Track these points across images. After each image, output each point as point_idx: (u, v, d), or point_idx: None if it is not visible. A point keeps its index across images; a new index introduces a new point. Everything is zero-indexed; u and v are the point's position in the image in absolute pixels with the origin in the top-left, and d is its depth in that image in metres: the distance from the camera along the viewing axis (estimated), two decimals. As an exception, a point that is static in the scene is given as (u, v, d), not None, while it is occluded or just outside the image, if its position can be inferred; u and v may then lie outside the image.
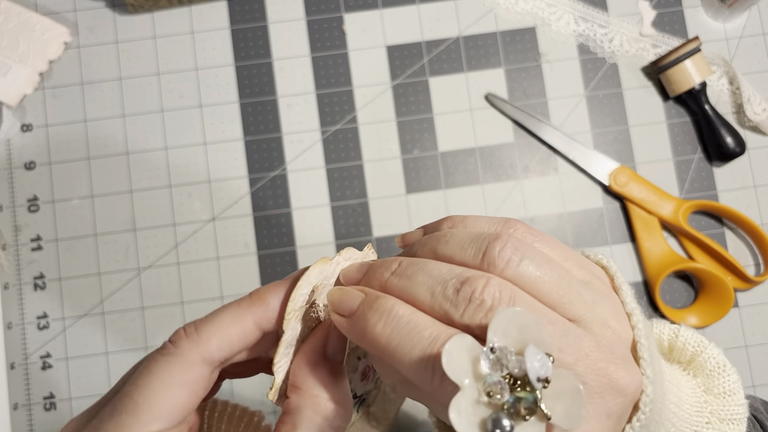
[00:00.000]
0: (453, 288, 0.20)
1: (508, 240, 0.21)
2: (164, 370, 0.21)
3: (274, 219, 0.53)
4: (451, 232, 0.23)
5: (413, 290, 0.21)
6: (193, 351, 0.22)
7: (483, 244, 0.21)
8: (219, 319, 0.22)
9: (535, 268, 0.21)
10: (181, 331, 0.22)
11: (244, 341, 0.22)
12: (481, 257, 0.21)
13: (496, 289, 0.20)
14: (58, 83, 0.54)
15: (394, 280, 0.22)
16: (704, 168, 0.54)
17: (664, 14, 0.55)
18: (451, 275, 0.21)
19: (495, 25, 0.55)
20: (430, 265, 0.21)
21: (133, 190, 0.53)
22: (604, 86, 0.55)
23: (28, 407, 0.51)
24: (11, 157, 0.53)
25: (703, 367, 0.27)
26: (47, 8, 0.54)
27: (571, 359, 0.20)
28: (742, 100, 0.53)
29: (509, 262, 0.21)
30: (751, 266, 0.53)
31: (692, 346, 0.27)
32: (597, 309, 0.21)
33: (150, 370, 0.21)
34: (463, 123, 0.54)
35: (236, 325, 0.22)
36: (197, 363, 0.22)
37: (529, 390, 0.18)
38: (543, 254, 0.21)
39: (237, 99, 0.54)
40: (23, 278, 0.52)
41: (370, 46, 0.54)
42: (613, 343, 0.21)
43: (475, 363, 0.19)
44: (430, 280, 0.21)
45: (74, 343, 0.51)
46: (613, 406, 0.20)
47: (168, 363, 0.21)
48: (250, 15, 0.55)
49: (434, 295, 0.20)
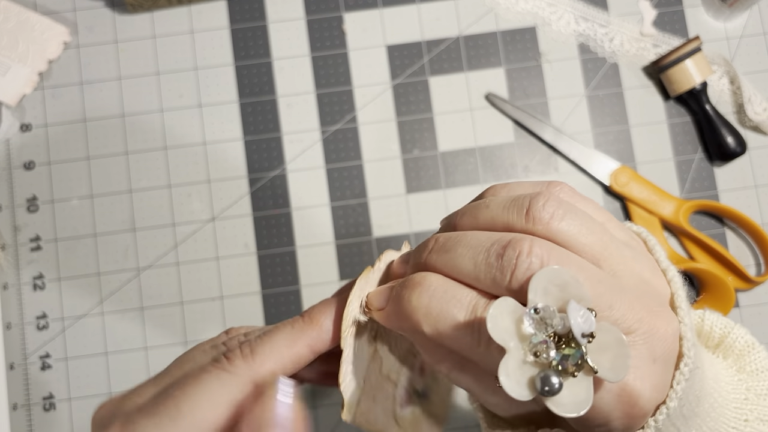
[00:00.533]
0: (495, 254, 0.20)
1: (549, 196, 0.21)
2: (215, 386, 0.21)
3: (274, 219, 0.53)
4: (491, 198, 0.23)
5: (455, 263, 0.21)
6: (247, 373, 0.22)
7: (525, 202, 0.21)
8: (274, 341, 0.22)
9: (578, 223, 0.21)
10: (238, 350, 0.22)
11: (296, 364, 0.23)
12: (525, 213, 0.21)
13: (541, 249, 0.20)
14: (58, 83, 0.54)
15: (433, 257, 0.21)
16: (705, 168, 0.54)
17: (665, 14, 0.55)
18: (491, 241, 0.20)
19: (495, 25, 0.55)
20: (469, 235, 0.21)
21: (133, 190, 0.53)
22: (605, 86, 0.54)
23: (27, 407, 0.51)
24: (10, 156, 0.53)
25: (732, 348, 0.27)
26: (46, 8, 0.54)
27: (618, 313, 0.20)
28: (742, 100, 0.53)
29: (553, 216, 0.21)
30: (752, 266, 0.53)
31: (719, 329, 0.28)
32: (636, 265, 0.22)
33: (200, 381, 0.21)
34: (464, 123, 0.54)
35: (290, 348, 0.22)
36: (248, 384, 0.22)
37: (575, 346, 0.18)
38: (585, 212, 0.22)
39: (237, 99, 0.54)
40: (22, 278, 0.52)
41: (370, 45, 0.54)
42: (652, 295, 0.21)
43: (519, 324, 0.19)
44: (471, 250, 0.21)
45: (74, 344, 0.51)
46: (659, 350, 0.20)
47: (220, 380, 0.21)
48: (250, 14, 0.54)
49: (477, 265, 0.20)
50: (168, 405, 0.21)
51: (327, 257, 0.53)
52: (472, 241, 0.21)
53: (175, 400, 0.21)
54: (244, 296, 0.52)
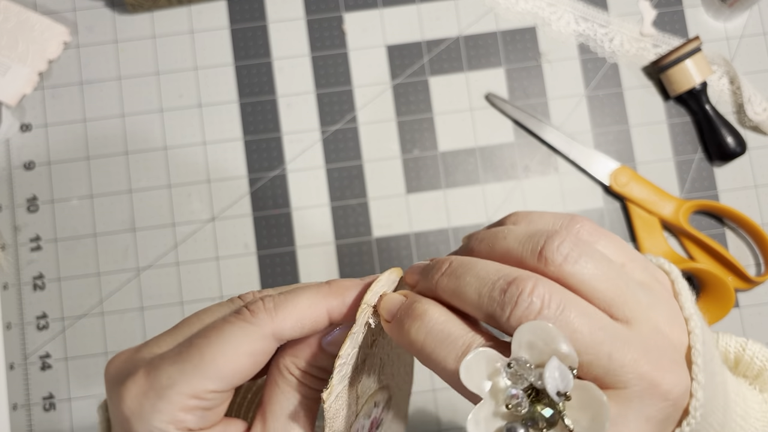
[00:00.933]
0: (499, 289, 0.20)
1: (566, 236, 0.21)
2: (238, 336, 0.22)
3: (274, 219, 0.53)
4: (510, 228, 0.23)
5: (461, 291, 0.21)
6: (268, 326, 0.22)
7: (541, 240, 0.21)
8: (297, 300, 0.23)
9: (592, 267, 0.20)
10: (260, 302, 0.23)
11: (314, 327, 0.23)
12: (538, 252, 0.21)
13: (544, 290, 0.19)
14: (58, 83, 0.54)
15: (443, 280, 0.22)
16: (705, 168, 0.54)
17: (665, 14, 0.55)
18: (498, 275, 0.20)
19: (495, 25, 0.55)
20: (479, 264, 0.21)
21: (133, 190, 0.53)
22: (605, 86, 0.54)
23: (27, 407, 0.51)
24: (10, 157, 0.53)
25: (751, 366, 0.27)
26: (46, 8, 0.54)
27: (616, 364, 0.19)
28: (742, 100, 0.53)
29: (567, 258, 0.20)
30: (752, 266, 0.53)
31: (760, 360, 0.27)
32: (651, 312, 0.21)
33: (223, 331, 0.22)
34: (464, 123, 0.54)
35: (311, 309, 0.23)
36: (269, 337, 0.22)
37: (548, 403, 0.18)
38: (602, 254, 0.21)
39: (236, 98, 0.54)
40: (22, 278, 0.52)
41: (370, 45, 0.54)
42: (663, 348, 0.20)
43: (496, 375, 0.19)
44: (477, 281, 0.21)
45: (74, 344, 0.51)
46: (654, 410, 0.20)
47: (243, 330, 0.22)
48: (250, 14, 0.54)
49: (481, 297, 0.20)
50: (191, 353, 0.22)
51: (327, 257, 0.53)
52: (481, 271, 0.21)
53: (198, 348, 0.22)
54: (244, 296, 0.52)
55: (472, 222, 0.53)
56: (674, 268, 0.23)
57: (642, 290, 0.21)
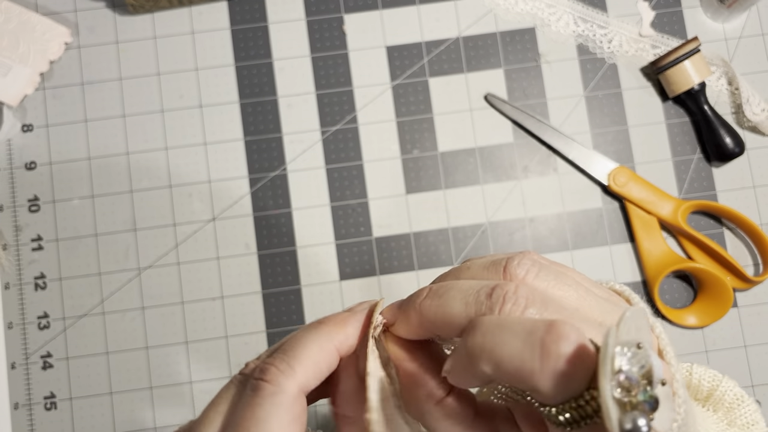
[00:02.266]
0: (485, 294, 0.21)
1: (523, 257, 0.22)
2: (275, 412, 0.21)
3: (274, 219, 0.53)
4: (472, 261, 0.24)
5: (447, 305, 0.22)
6: (293, 386, 0.21)
7: (501, 262, 0.22)
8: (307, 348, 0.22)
9: (553, 278, 0.22)
10: (273, 368, 0.22)
11: (330, 367, 0.23)
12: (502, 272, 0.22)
13: (526, 290, 0.21)
14: (59, 83, 0.54)
15: (427, 302, 0.22)
16: (703, 168, 0.54)
17: (664, 15, 0.55)
18: (480, 285, 0.22)
19: (495, 26, 0.55)
20: (460, 282, 0.22)
21: (134, 190, 0.53)
22: (604, 86, 0.55)
23: (28, 407, 0.51)
24: (12, 157, 0.53)
25: (722, 401, 0.27)
26: (48, 8, 0.54)
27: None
28: (741, 101, 0.54)
29: (528, 272, 0.22)
30: (750, 266, 0.54)
31: (707, 382, 0.28)
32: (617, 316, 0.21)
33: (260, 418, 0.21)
34: (463, 123, 0.54)
35: (323, 352, 0.23)
36: (299, 397, 0.22)
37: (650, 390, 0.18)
38: (558, 270, 0.22)
39: (237, 99, 0.54)
40: (24, 278, 0.52)
41: (370, 46, 0.55)
42: None
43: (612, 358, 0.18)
44: (461, 293, 0.22)
45: (75, 343, 0.52)
46: None
47: (275, 404, 0.21)
48: (251, 15, 0.55)
49: (468, 305, 0.21)
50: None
51: (327, 257, 0.53)
52: (463, 285, 0.22)
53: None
54: (245, 296, 0.52)
55: (472, 222, 0.53)
56: (625, 288, 0.24)
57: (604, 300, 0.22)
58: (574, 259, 0.53)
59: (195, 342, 0.52)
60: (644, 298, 0.53)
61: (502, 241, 0.53)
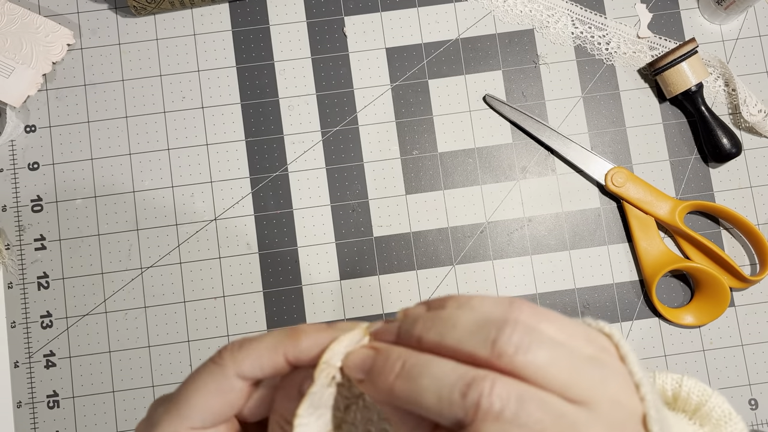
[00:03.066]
0: (459, 392, 0.21)
1: (515, 326, 0.21)
2: (205, 377, 0.24)
3: (276, 219, 0.54)
4: (457, 315, 0.23)
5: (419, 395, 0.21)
6: (231, 366, 0.24)
7: (492, 331, 0.22)
8: (258, 343, 0.25)
9: (544, 354, 0.21)
10: (229, 346, 0.25)
11: (273, 368, 0.25)
12: (490, 346, 0.21)
13: (502, 389, 0.20)
14: (62, 85, 0.54)
15: (399, 383, 0.22)
16: (701, 168, 0.55)
17: (661, 16, 0.56)
18: (455, 376, 0.21)
19: (494, 28, 0.56)
20: (434, 365, 0.22)
21: (136, 190, 0.54)
22: (602, 88, 0.55)
23: (31, 405, 0.51)
24: (15, 157, 0.54)
25: (710, 417, 0.27)
26: (50, 10, 0.55)
27: None
28: (738, 102, 0.54)
29: (518, 348, 0.21)
30: (747, 266, 0.54)
31: (696, 396, 0.28)
32: (606, 387, 0.21)
33: (196, 374, 0.25)
34: (462, 124, 0.55)
35: (269, 351, 0.24)
36: (232, 377, 0.24)
37: None
38: (550, 338, 0.22)
39: (239, 101, 0.54)
40: (27, 277, 0.52)
41: (371, 48, 0.55)
42: (624, 421, 0.21)
43: None
44: (435, 383, 0.21)
45: (77, 342, 0.52)
46: None
47: (210, 372, 0.24)
48: (252, 18, 0.55)
49: (441, 401, 0.21)
50: (174, 395, 0.25)
51: (328, 257, 0.53)
52: (438, 372, 0.22)
53: (179, 391, 0.25)
54: (246, 295, 0.53)
55: (471, 222, 0.54)
56: (615, 332, 0.24)
57: (592, 365, 0.22)
58: (572, 259, 0.54)
59: (197, 341, 0.52)
60: (642, 297, 0.53)
61: (500, 241, 0.54)
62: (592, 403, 0.21)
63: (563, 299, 0.53)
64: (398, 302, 0.53)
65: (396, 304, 0.53)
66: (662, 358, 0.53)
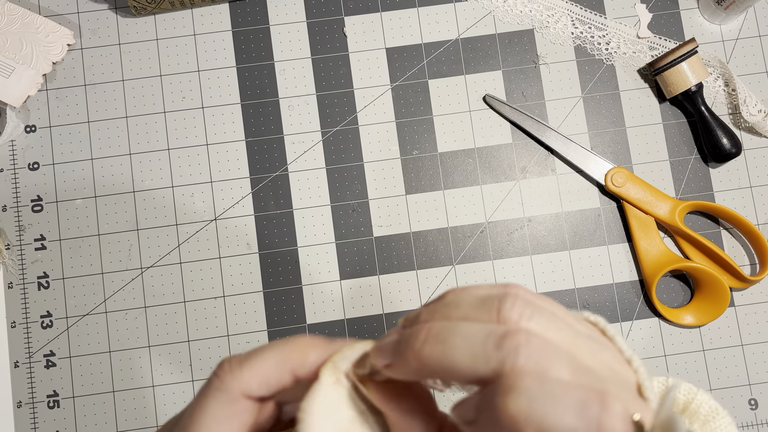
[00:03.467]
0: (494, 344, 0.20)
1: (516, 298, 0.22)
2: (213, 405, 0.23)
3: (276, 219, 0.54)
4: (459, 297, 0.23)
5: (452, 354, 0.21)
6: (235, 387, 0.23)
7: (494, 303, 0.22)
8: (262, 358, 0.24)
9: (546, 321, 0.21)
10: (226, 364, 0.23)
11: (280, 385, 0.24)
12: (496, 314, 0.22)
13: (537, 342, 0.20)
14: (62, 85, 0.54)
15: (428, 348, 0.21)
16: (701, 168, 0.55)
17: (661, 16, 0.56)
18: (485, 332, 0.21)
19: (494, 28, 0.56)
20: (462, 325, 0.22)
21: (136, 190, 0.54)
22: (602, 88, 0.55)
23: (31, 405, 0.51)
24: (15, 157, 0.54)
25: (698, 413, 0.28)
26: (51, 10, 0.55)
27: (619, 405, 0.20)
28: (738, 102, 0.54)
29: (522, 316, 0.21)
30: (747, 266, 0.54)
31: (683, 395, 0.28)
32: (603, 357, 0.22)
33: (202, 407, 0.23)
34: (462, 124, 0.55)
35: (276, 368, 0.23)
36: (239, 398, 0.23)
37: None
38: (549, 310, 0.22)
39: (239, 101, 0.54)
40: (27, 277, 0.53)
41: (371, 48, 0.55)
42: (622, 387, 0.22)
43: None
44: (466, 340, 0.21)
45: (77, 342, 0.52)
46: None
47: (216, 399, 0.23)
48: (252, 18, 0.55)
49: (476, 355, 0.21)
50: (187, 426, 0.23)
51: (328, 256, 0.53)
52: (466, 331, 0.21)
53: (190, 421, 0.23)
54: (246, 295, 0.53)
55: (471, 222, 0.54)
56: (600, 318, 0.25)
57: (588, 338, 0.22)
58: (572, 259, 0.54)
59: (197, 341, 0.52)
60: (642, 297, 0.53)
61: (500, 241, 0.54)
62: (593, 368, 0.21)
63: (563, 299, 0.53)
64: (398, 302, 0.53)
65: (396, 304, 0.53)
66: (662, 358, 0.53)
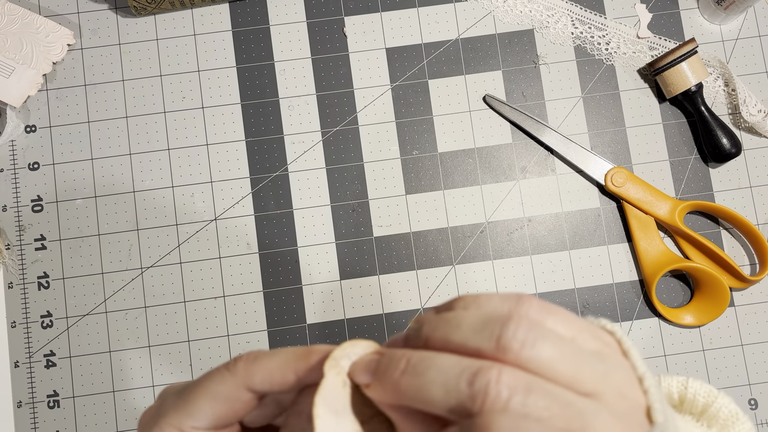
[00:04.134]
0: (466, 381, 0.20)
1: (520, 322, 0.21)
2: (216, 381, 0.25)
3: (276, 219, 0.54)
4: (462, 315, 0.23)
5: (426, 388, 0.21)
6: (242, 376, 0.25)
7: (496, 328, 0.22)
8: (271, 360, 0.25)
9: (549, 349, 0.21)
10: (244, 356, 0.26)
11: (282, 384, 0.25)
12: (495, 342, 0.21)
13: (509, 378, 0.20)
14: (62, 85, 0.54)
15: (405, 380, 0.22)
16: (700, 168, 0.55)
17: (661, 16, 0.56)
18: (461, 368, 0.21)
19: (494, 28, 0.56)
20: (439, 359, 0.22)
21: (136, 190, 0.54)
22: (601, 88, 0.55)
23: (31, 405, 0.51)
24: (15, 157, 0.54)
25: (717, 417, 0.27)
26: (51, 10, 0.55)
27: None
28: (738, 102, 0.54)
29: (524, 344, 0.21)
30: (747, 266, 0.54)
31: (702, 397, 0.28)
32: (611, 380, 0.22)
33: (208, 377, 0.26)
34: (462, 124, 0.55)
35: (281, 368, 0.25)
36: (241, 387, 0.25)
37: None
38: (554, 333, 0.22)
39: (239, 101, 0.54)
40: (27, 277, 0.53)
41: (371, 48, 0.55)
42: (630, 412, 0.21)
43: None
44: (441, 375, 0.21)
45: (78, 342, 0.52)
46: None
47: (222, 377, 0.25)
48: (252, 18, 0.55)
49: (448, 392, 0.21)
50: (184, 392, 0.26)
51: (328, 256, 0.53)
52: (443, 365, 0.21)
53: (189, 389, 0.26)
54: (246, 295, 0.53)
55: (471, 222, 0.54)
56: (617, 328, 0.24)
57: (597, 360, 0.22)
58: (572, 259, 0.54)
59: (197, 341, 0.52)
60: (642, 297, 0.53)
61: (500, 241, 0.54)
62: (598, 395, 0.21)
63: (563, 299, 0.53)
64: (398, 302, 0.53)
65: (396, 304, 0.53)
66: (662, 358, 0.53)
